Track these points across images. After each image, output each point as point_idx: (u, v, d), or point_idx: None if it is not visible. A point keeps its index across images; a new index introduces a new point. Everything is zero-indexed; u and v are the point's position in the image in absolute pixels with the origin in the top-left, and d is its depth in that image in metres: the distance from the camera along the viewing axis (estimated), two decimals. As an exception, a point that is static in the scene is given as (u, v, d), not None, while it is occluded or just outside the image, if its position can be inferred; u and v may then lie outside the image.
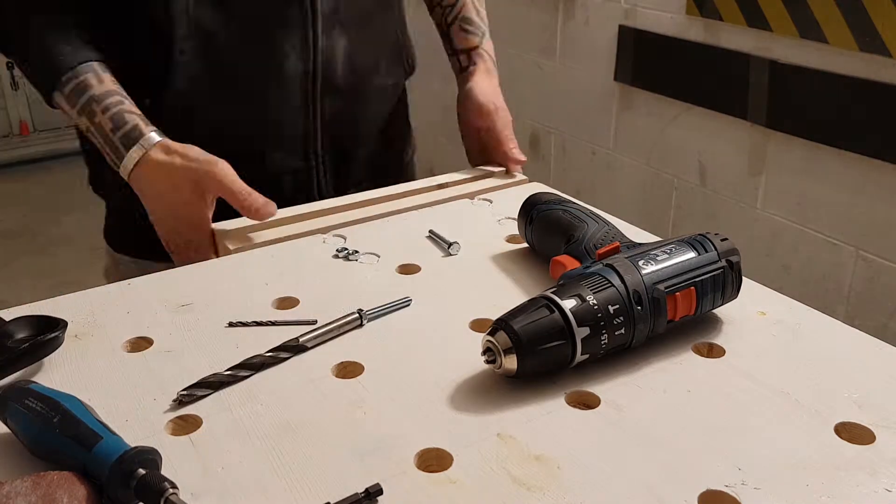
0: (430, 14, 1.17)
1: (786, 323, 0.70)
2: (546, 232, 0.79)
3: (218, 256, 0.86)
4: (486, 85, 1.07)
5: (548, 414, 0.58)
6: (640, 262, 0.64)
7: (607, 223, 0.76)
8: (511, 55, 2.67)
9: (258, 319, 0.70)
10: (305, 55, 0.96)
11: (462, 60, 1.12)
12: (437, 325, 0.70)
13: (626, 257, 0.65)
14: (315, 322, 0.69)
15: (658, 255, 0.65)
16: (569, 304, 0.60)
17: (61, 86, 0.86)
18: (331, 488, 0.51)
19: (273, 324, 0.69)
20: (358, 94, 1.04)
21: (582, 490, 0.51)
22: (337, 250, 0.83)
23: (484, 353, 0.61)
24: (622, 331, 0.61)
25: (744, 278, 0.76)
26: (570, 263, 0.71)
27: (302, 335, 0.66)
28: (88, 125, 0.86)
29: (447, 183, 1.01)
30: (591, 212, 0.79)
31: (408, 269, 0.80)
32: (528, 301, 0.62)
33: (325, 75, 0.99)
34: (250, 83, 0.96)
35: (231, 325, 0.69)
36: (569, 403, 0.60)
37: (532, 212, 0.81)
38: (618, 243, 0.69)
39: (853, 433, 0.56)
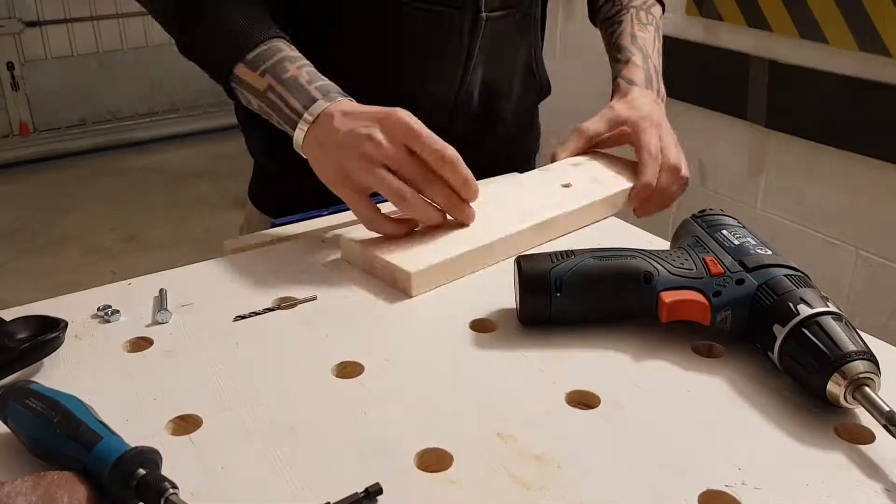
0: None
1: (786, 323, 0.69)
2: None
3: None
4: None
5: (548, 414, 0.58)
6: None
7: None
8: (511, 55, 2.66)
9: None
10: (452, 83, 0.99)
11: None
12: (437, 325, 0.70)
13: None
14: (315, 298, 0.72)
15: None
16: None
17: (247, 53, 0.85)
18: (331, 488, 0.51)
19: (275, 309, 0.72)
20: (488, 118, 1.04)
21: (582, 490, 0.51)
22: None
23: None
24: None
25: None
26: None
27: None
28: (273, 83, 0.84)
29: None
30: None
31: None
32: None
33: (461, 101, 1.00)
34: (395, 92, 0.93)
35: (238, 318, 0.70)
36: (569, 403, 0.60)
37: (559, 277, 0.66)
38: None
39: (853, 433, 0.56)
